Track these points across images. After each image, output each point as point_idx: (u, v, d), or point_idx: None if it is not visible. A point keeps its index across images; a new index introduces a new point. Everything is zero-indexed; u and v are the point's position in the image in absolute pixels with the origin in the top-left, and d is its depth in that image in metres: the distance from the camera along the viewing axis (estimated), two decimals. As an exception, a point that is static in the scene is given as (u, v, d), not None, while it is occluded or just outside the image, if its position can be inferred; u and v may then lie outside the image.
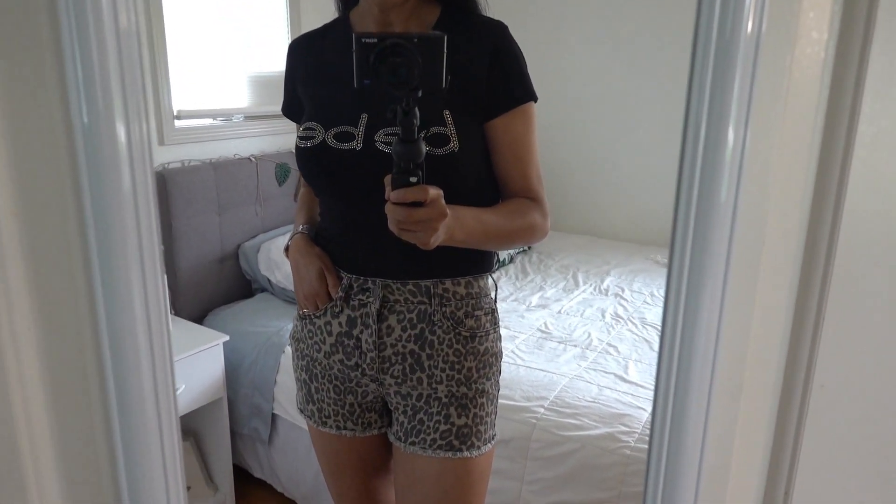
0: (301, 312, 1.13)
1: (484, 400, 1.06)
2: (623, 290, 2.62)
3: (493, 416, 1.09)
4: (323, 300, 1.07)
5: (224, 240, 2.52)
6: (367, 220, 1.01)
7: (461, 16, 1.01)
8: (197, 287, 2.45)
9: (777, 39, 0.47)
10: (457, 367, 1.04)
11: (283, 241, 2.54)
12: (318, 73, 1.07)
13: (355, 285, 1.05)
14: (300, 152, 1.03)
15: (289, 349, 2.12)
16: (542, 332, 2.22)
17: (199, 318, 2.45)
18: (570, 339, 2.16)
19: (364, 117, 0.98)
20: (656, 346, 2.08)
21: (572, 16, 3.39)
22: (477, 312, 1.05)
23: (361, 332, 1.05)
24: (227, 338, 2.16)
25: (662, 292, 2.59)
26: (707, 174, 0.49)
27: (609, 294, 2.60)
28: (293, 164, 2.72)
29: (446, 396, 1.04)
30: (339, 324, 1.07)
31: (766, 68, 0.47)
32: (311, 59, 1.09)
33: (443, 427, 1.04)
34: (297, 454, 2.14)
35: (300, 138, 1.03)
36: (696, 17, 0.47)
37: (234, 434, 2.29)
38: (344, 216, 1.05)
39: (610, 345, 2.11)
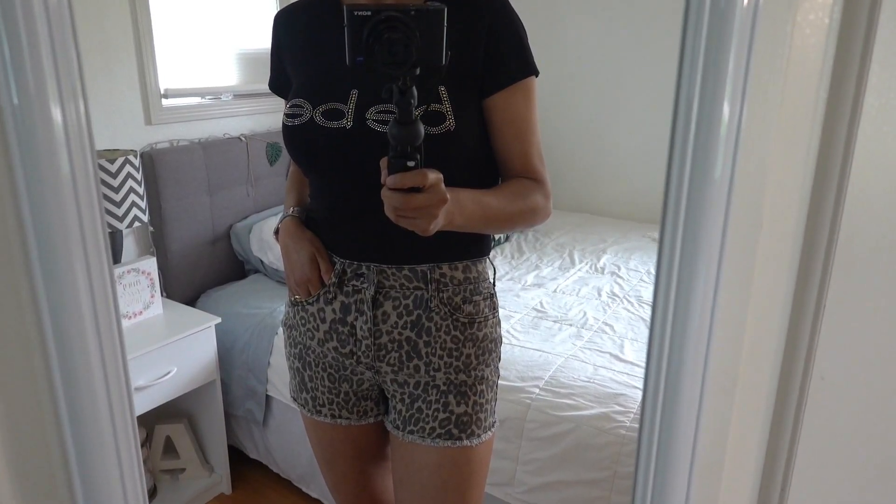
0: (293, 299, 1.09)
1: (483, 387, 1.04)
2: (619, 269, 2.60)
3: (493, 403, 1.07)
4: (315, 286, 1.03)
5: (215, 221, 2.49)
6: (359, 202, 0.97)
7: None
8: (188, 269, 2.42)
9: (776, 5, 0.44)
10: (455, 353, 1.01)
11: (275, 221, 2.51)
12: (305, 47, 1.02)
13: (349, 271, 1.01)
14: (287, 131, 0.99)
15: (282, 331, 2.10)
16: (538, 311, 2.20)
17: (191, 300, 2.43)
18: (566, 318, 2.14)
19: (354, 93, 0.93)
20: (653, 325, 2.06)
21: (568, -12, 3.32)
22: (475, 297, 1.02)
23: (356, 318, 1.01)
24: (219, 320, 2.14)
25: (659, 270, 2.57)
26: (700, 150, 0.46)
27: (605, 272, 2.58)
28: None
29: (445, 384, 1.01)
30: (333, 310, 1.03)
31: (764, 37, 0.43)
32: (298, 31, 1.04)
33: (442, 415, 1.01)
34: (292, 435, 2.13)
35: (287, 116, 0.98)
36: None
37: (228, 416, 2.28)
38: (335, 198, 1.01)
39: (606, 324, 2.09)
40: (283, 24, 1.06)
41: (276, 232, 1.11)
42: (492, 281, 1.07)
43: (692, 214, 0.47)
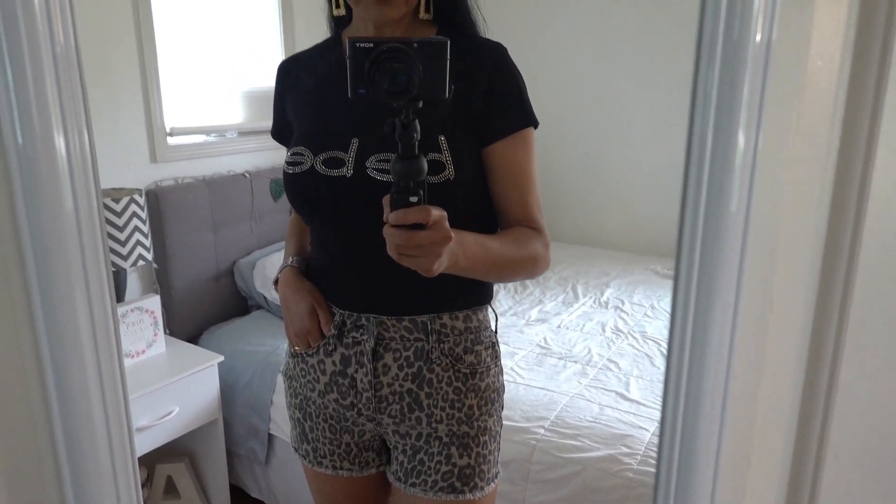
0: (292, 350, 1.08)
1: (486, 438, 1.02)
2: (623, 303, 2.59)
3: (496, 454, 1.05)
4: (315, 338, 1.02)
5: (219, 257, 2.49)
6: (359, 251, 0.97)
7: (459, 37, 0.97)
8: (192, 305, 2.41)
9: (789, 46, 0.44)
10: (457, 405, 0.99)
11: (279, 257, 2.51)
12: (307, 96, 1.03)
13: (348, 322, 1.00)
14: (287, 179, 0.99)
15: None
16: (542, 347, 2.18)
17: (194, 337, 2.42)
18: (571, 354, 2.12)
19: (355, 142, 0.93)
20: (658, 362, 2.05)
21: (566, 21, 3.37)
22: (477, 347, 1.01)
23: (356, 371, 1.00)
24: (221, 358, 2.13)
25: (663, 304, 2.56)
26: (715, 182, 0.45)
27: (609, 307, 2.57)
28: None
29: (447, 436, 1.00)
30: (333, 362, 1.02)
31: (778, 68, 0.43)
32: (301, 80, 1.05)
33: (444, 468, 1.00)
34: (294, 474, 2.10)
35: (287, 164, 0.98)
36: (700, 23, 0.44)
37: (230, 454, 2.25)
38: (335, 247, 1.01)
39: (610, 360, 2.07)
40: (287, 72, 1.08)
41: (276, 282, 1.10)
42: (493, 329, 1.06)
43: (708, 249, 0.46)
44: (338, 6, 0.98)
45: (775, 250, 0.49)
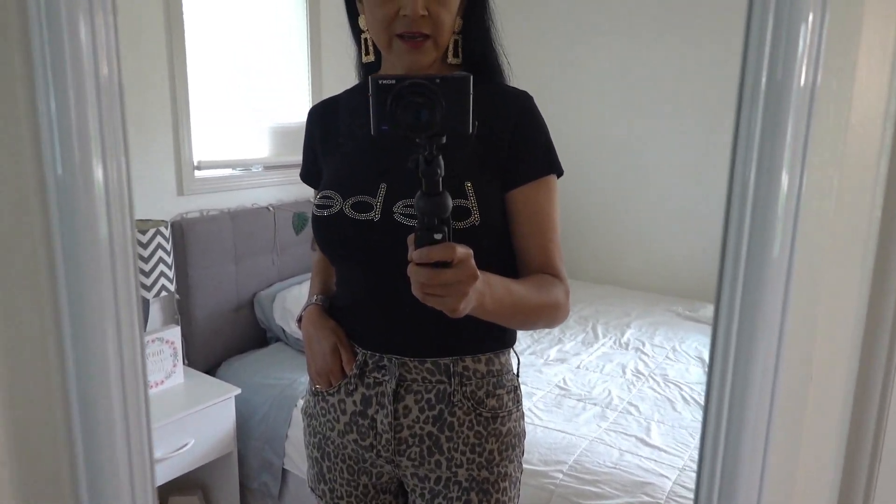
0: (314, 388, 1.08)
1: (507, 484, 1.00)
2: (644, 344, 2.56)
3: (515, 501, 1.03)
4: (337, 377, 1.02)
5: (240, 289, 2.51)
6: (383, 292, 0.97)
7: (485, 85, 0.99)
8: (211, 336, 2.43)
9: (833, 89, 0.44)
10: (478, 449, 0.98)
11: (299, 290, 2.53)
12: (337, 140, 1.05)
13: (370, 362, 1.00)
14: (316, 221, 1.00)
15: (301, 402, 2.08)
16: (561, 388, 2.15)
17: (212, 368, 2.43)
18: (590, 396, 2.09)
19: (383, 187, 0.95)
20: (679, 406, 2.01)
21: (591, 64, 3.40)
22: (499, 391, 1.00)
23: (377, 412, 1.00)
24: (238, 391, 2.13)
25: (684, 347, 2.52)
26: (758, 226, 0.44)
27: (629, 348, 2.53)
28: (311, 213, 2.72)
29: (467, 480, 0.98)
30: (354, 402, 1.02)
31: (821, 117, 0.43)
32: (331, 125, 1.07)
33: None
34: (307, 512, 2.08)
35: (317, 206, 1.00)
36: (742, 65, 0.44)
37: (243, 487, 2.23)
38: (360, 288, 1.02)
39: (631, 403, 2.04)
40: (317, 118, 1.10)
41: (300, 320, 1.10)
42: (515, 372, 1.05)
43: (749, 295, 0.45)
44: (367, 52, 1.00)
45: (819, 296, 0.48)
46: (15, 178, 0.36)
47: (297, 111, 2.82)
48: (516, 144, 0.94)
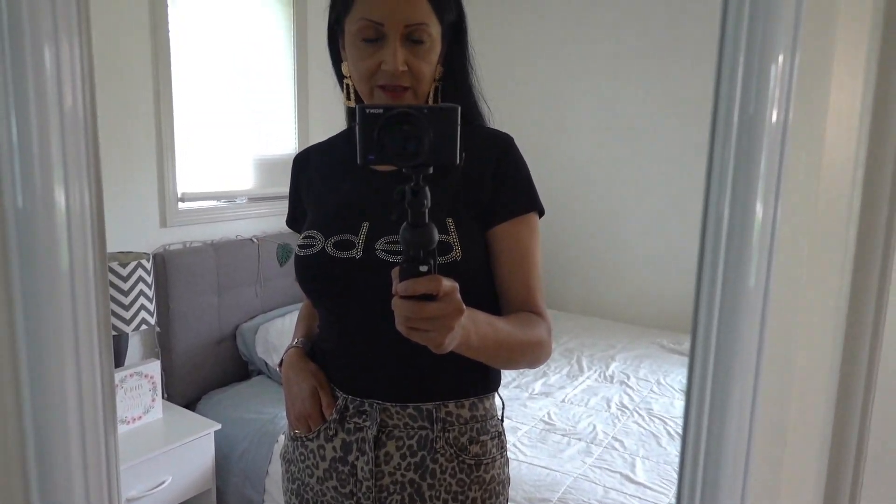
0: (293, 433, 1.06)
1: None
2: (628, 377, 2.55)
3: None
4: (316, 421, 1.00)
5: (222, 321, 2.48)
6: (364, 335, 0.96)
7: (467, 126, 1.00)
8: (192, 369, 2.39)
9: (806, 123, 0.44)
10: (461, 497, 0.95)
11: (282, 322, 2.50)
12: (321, 185, 1.05)
13: (351, 407, 0.98)
14: (299, 261, 0.99)
15: (282, 437, 2.04)
16: (546, 423, 2.13)
17: (192, 401, 2.38)
18: (575, 431, 2.07)
19: (365, 226, 0.94)
20: (664, 442, 1.99)
21: (571, 98, 3.46)
22: (482, 437, 0.98)
23: (357, 458, 0.97)
24: (218, 426, 2.09)
25: (668, 380, 2.51)
26: (733, 256, 0.44)
27: (614, 381, 2.52)
28: (295, 244, 2.71)
29: None
30: (334, 448, 0.99)
31: (794, 150, 0.43)
32: (315, 170, 1.07)
33: None
34: (286, 552, 2.02)
35: (300, 247, 0.99)
36: (715, 99, 0.44)
37: (221, 527, 2.17)
38: (341, 330, 1.00)
39: (616, 438, 2.02)
40: (302, 164, 1.10)
41: (280, 364, 1.09)
42: (500, 417, 1.04)
43: (725, 325, 0.44)
44: (349, 97, 1.01)
45: (795, 325, 0.48)
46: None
47: (283, 143, 2.83)
48: (497, 183, 0.95)
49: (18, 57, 0.32)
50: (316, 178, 1.06)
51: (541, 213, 0.98)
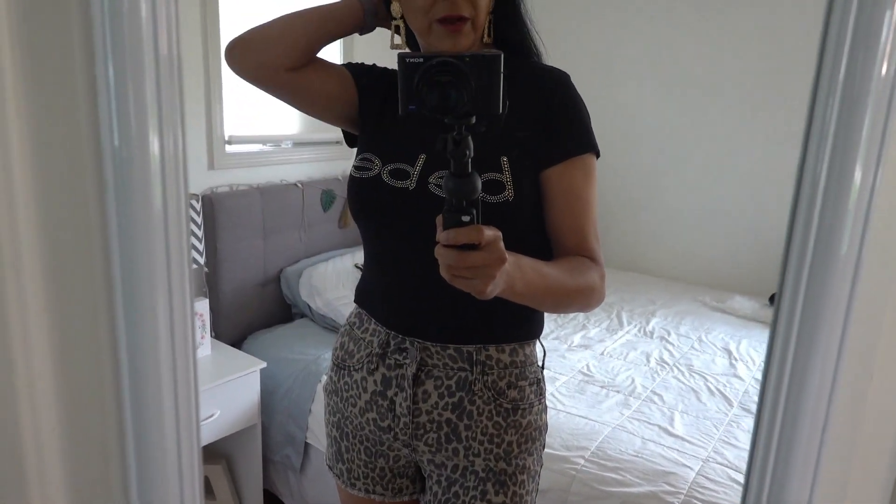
0: (336, 362, 1.08)
1: (525, 477, 0.99)
2: (669, 334, 2.53)
3: (533, 495, 1.02)
4: None
5: (267, 264, 2.53)
6: (410, 270, 0.97)
7: (522, 62, 0.97)
8: (238, 310, 2.46)
9: None
10: (496, 440, 0.97)
11: (325, 267, 2.55)
12: (383, 106, 1.03)
13: (392, 343, 0.99)
14: (353, 182, 0.99)
15: (324, 378, 2.11)
16: (585, 374, 2.15)
17: (238, 341, 2.46)
18: (613, 384, 2.08)
19: (422, 158, 0.94)
20: (704, 397, 1.99)
21: (626, 43, 3.34)
22: (521, 383, 0.98)
23: (396, 394, 0.99)
24: (264, 364, 2.15)
25: (711, 337, 2.49)
26: (826, 222, 0.42)
27: (654, 336, 2.52)
28: (339, 191, 2.72)
29: (484, 471, 0.98)
30: (375, 381, 1.01)
31: None
32: (381, 90, 1.04)
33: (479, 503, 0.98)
34: (327, 485, 2.11)
35: (356, 167, 0.98)
36: (820, 52, 0.42)
37: (266, 460, 2.27)
38: (388, 263, 1.01)
39: (654, 392, 2.02)
40: (368, 72, 1.05)
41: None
42: (540, 364, 1.04)
43: (812, 293, 0.43)
44: (396, 40, 0.97)
45: (887, 298, 0.46)
46: (72, 147, 0.36)
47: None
48: (552, 122, 0.93)
49: (116, 4, 0.32)
50: (380, 96, 1.02)
51: (597, 154, 0.96)
